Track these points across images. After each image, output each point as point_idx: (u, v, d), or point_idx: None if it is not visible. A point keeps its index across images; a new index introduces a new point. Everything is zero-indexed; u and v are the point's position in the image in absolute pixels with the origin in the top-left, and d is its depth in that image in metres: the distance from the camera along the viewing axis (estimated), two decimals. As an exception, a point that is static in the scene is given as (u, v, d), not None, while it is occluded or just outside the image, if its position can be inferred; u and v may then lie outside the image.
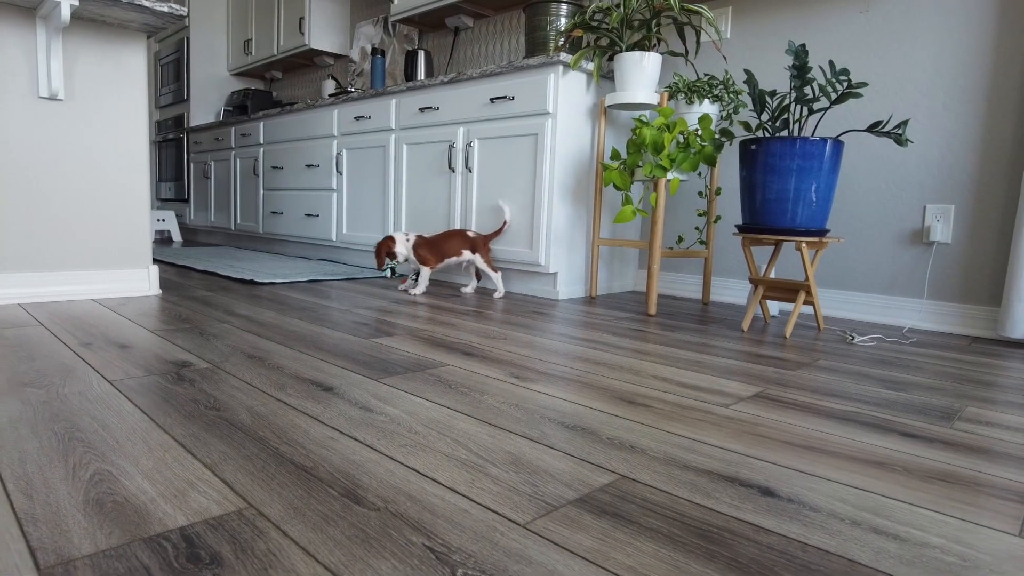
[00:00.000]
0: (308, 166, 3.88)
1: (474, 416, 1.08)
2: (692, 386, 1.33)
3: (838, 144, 1.95)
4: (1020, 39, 2.04)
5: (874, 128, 1.92)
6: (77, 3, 1.88)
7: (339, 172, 3.63)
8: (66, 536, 0.65)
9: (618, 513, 0.75)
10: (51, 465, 0.82)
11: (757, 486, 0.84)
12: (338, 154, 3.63)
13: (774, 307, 2.38)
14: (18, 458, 0.84)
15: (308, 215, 3.90)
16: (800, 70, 1.91)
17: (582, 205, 2.70)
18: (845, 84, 1.97)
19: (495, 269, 2.59)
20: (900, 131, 1.87)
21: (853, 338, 1.97)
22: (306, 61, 4.96)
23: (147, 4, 1.99)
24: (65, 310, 1.96)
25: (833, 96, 2.24)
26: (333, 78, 4.54)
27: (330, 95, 3.87)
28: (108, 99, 2.19)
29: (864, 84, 1.87)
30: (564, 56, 2.50)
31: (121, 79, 2.22)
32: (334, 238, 3.70)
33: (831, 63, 1.93)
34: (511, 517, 0.73)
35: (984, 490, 0.86)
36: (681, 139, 2.25)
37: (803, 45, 1.90)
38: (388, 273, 2.82)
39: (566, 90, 2.55)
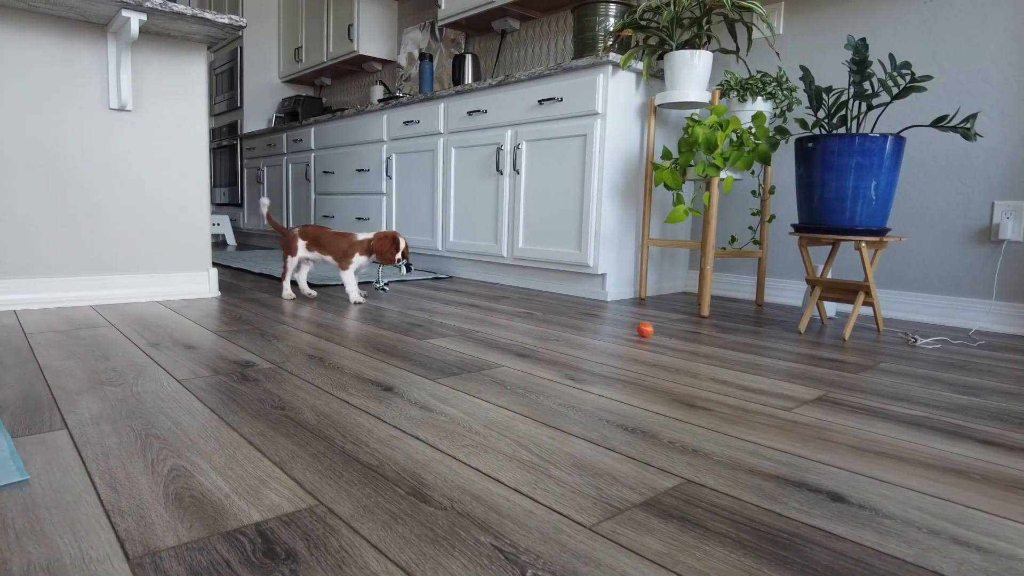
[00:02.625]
0: (358, 170, 3.95)
1: (533, 417, 1.08)
2: (753, 389, 1.30)
3: (899, 140, 1.88)
4: (1099, 26, 1.94)
5: (939, 123, 1.85)
6: (145, 18, 1.96)
7: (388, 176, 3.69)
8: (151, 528, 0.68)
9: (685, 517, 0.74)
10: (132, 460, 0.86)
11: (826, 491, 0.82)
12: (388, 158, 3.69)
13: (831, 308, 2.31)
14: (102, 453, 0.88)
15: (359, 219, 3.97)
16: (860, 65, 1.85)
17: (631, 205, 2.68)
18: (908, 78, 1.90)
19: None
20: (968, 125, 1.79)
21: (916, 340, 1.90)
22: (354, 67, 5.05)
23: (209, 17, 2.06)
24: (133, 311, 2.04)
25: (895, 91, 2.17)
26: (382, 83, 4.61)
27: (379, 100, 3.94)
28: (172, 108, 2.28)
29: (928, 77, 1.80)
30: (613, 56, 2.48)
31: (183, 89, 2.30)
32: (383, 241, 3.75)
33: (891, 57, 1.87)
34: (577, 519, 0.72)
35: (1072, 501, 0.82)
36: (735, 137, 2.21)
37: (863, 39, 1.84)
38: (383, 285, 2.66)
39: (615, 90, 2.54)
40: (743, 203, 2.82)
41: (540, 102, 2.74)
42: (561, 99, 2.66)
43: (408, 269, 2.33)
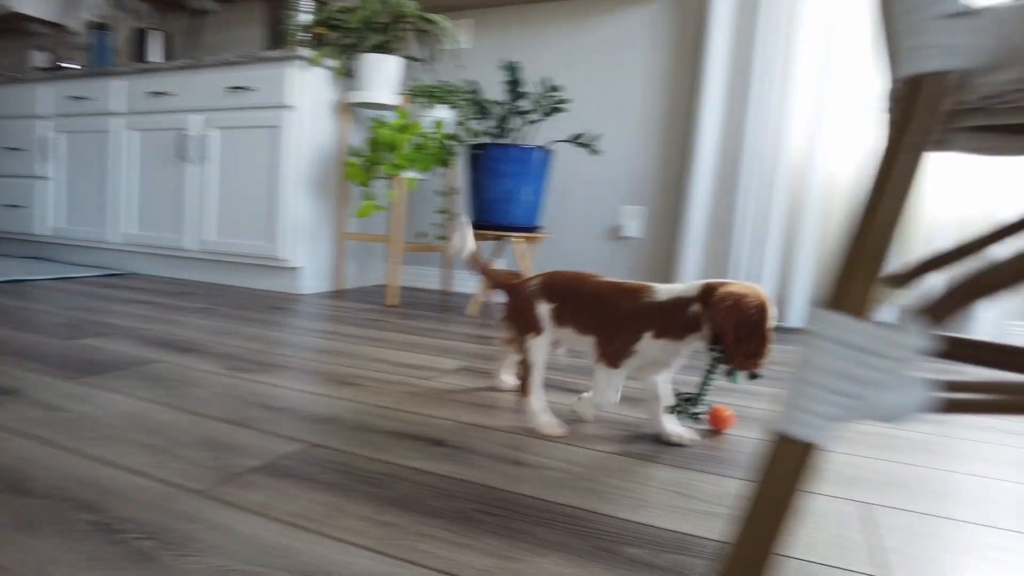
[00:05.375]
0: (10, 149, 3.36)
1: (178, 407, 1.09)
2: (405, 364, 1.47)
3: (548, 152, 2.24)
4: (685, 73, 2.54)
5: (576, 139, 2.25)
6: None
7: (50, 158, 3.20)
8: None
9: (296, 474, 0.84)
10: None
11: (431, 439, 0.99)
12: (49, 137, 3.20)
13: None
14: None
15: (10, 206, 3.37)
16: (513, 84, 2.16)
17: (328, 200, 2.73)
18: (554, 99, 2.27)
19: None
20: (592, 143, 2.21)
21: (564, 319, 2.29)
22: (10, 27, 4.25)
23: None
24: None
25: (545, 109, 2.56)
26: (46, 50, 3.96)
27: (40, 68, 3.39)
28: None
29: (568, 100, 2.19)
30: (306, 51, 2.51)
31: None
32: (46, 232, 3.25)
33: (543, 80, 2.22)
34: (190, 487, 0.78)
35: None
36: (419, 140, 2.40)
37: (515, 62, 2.15)
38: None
39: (309, 85, 2.57)
40: (431, 201, 3.06)
41: (232, 89, 2.65)
42: (253, 89, 2.60)
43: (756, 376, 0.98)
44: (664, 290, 1.01)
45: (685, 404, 1.15)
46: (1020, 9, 0.27)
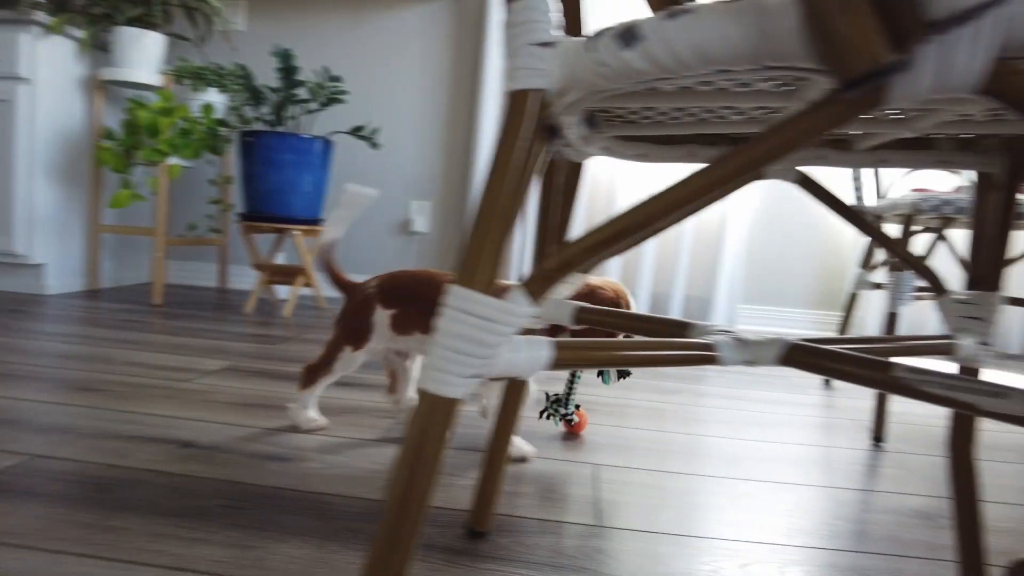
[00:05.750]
0: None
1: None
2: (162, 367, 1.37)
3: (328, 143, 2.21)
4: (466, 71, 2.64)
5: (356, 131, 2.24)
6: None
7: None
8: None
9: (10, 489, 0.76)
10: None
11: (179, 441, 0.95)
12: None
13: (287, 291, 2.56)
14: None
15: None
16: (287, 72, 2.09)
17: (78, 188, 2.43)
18: (333, 90, 2.24)
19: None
20: (373, 136, 2.22)
21: (349, 313, 2.28)
22: None
23: None
24: None
25: (322, 99, 2.52)
26: None
27: None
28: None
29: (347, 91, 2.17)
30: (42, 16, 2.19)
31: None
32: None
33: (324, 69, 2.18)
34: None
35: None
36: (184, 124, 2.22)
37: (288, 48, 2.09)
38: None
39: (49, 56, 2.25)
40: (204, 191, 2.86)
41: (-60, 54, 2.23)
42: (-29, 56, 2.22)
43: (625, 376, 1.13)
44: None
45: (554, 405, 1.10)
46: (577, 43, 0.35)
